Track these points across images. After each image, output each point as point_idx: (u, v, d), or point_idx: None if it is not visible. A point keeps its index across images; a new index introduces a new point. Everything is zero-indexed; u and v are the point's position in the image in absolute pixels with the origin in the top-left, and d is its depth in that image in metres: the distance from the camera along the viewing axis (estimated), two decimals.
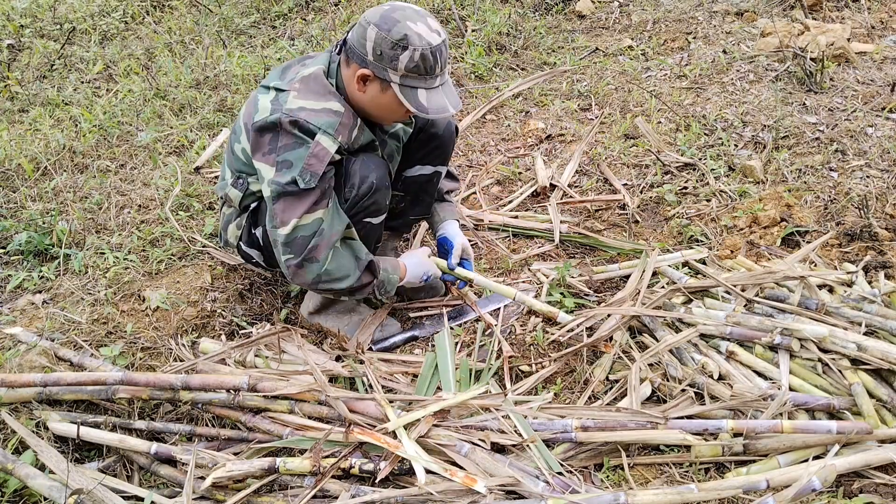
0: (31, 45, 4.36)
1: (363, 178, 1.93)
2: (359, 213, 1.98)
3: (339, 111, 1.87)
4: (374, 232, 2.09)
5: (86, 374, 1.88)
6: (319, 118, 1.84)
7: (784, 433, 1.66)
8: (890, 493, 1.59)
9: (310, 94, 1.88)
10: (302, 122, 1.82)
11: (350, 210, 1.96)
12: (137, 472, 1.76)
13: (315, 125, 1.83)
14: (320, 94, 1.89)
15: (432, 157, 2.22)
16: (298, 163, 1.82)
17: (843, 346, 1.84)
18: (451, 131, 2.24)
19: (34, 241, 2.53)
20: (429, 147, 2.20)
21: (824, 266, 2.25)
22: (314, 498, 1.64)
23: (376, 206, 2.00)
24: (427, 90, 1.84)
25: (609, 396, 1.90)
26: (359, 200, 1.95)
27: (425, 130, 2.18)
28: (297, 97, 1.87)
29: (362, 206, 1.97)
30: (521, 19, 4.49)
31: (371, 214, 2.01)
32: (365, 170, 1.94)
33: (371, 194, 1.95)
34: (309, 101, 1.86)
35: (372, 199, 1.96)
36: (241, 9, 4.85)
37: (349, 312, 2.24)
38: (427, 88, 1.84)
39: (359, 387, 1.98)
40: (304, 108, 1.84)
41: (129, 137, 3.35)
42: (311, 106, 1.85)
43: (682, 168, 2.92)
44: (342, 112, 1.88)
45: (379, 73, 1.82)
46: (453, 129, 2.25)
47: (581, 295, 2.31)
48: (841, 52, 3.51)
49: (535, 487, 1.57)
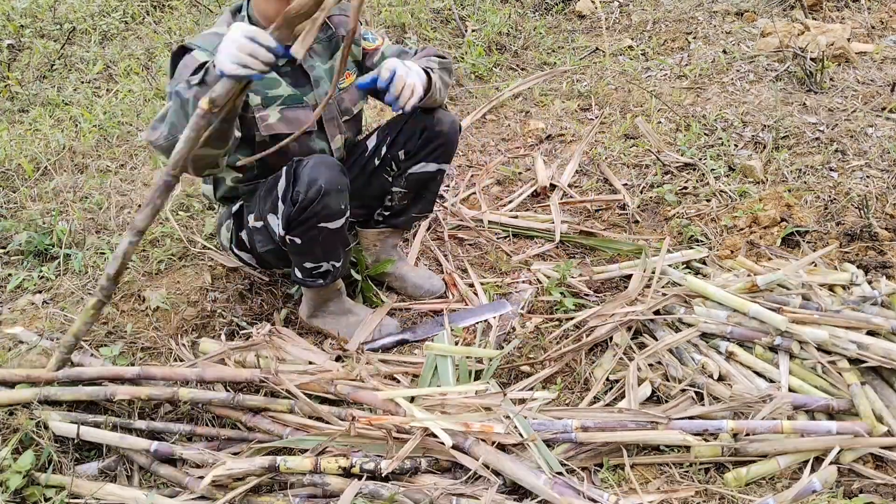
0: (31, 45, 4.36)
1: (311, 182, 1.86)
2: (310, 218, 1.90)
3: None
4: (336, 237, 2.00)
5: (106, 368, 1.90)
6: (202, 39, 1.87)
7: (784, 434, 1.66)
8: (890, 493, 1.59)
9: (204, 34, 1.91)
10: (182, 44, 1.85)
11: (300, 215, 1.90)
12: (137, 472, 1.76)
13: (193, 44, 1.85)
14: (214, 26, 1.93)
15: (436, 154, 2.21)
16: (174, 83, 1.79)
17: (843, 347, 1.83)
18: (456, 129, 2.23)
19: (34, 241, 2.53)
20: (433, 144, 2.19)
21: (825, 266, 2.25)
22: (314, 497, 1.64)
23: (328, 210, 1.91)
24: None
25: (609, 396, 1.90)
26: (308, 205, 1.88)
27: (430, 128, 2.17)
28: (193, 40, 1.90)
29: (312, 210, 1.89)
30: (521, 19, 4.49)
31: (325, 219, 1.93)
32: (314, 172, 1.87)
33: (320, 198, 1.87)
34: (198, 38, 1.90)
35: (321, 203, 1.88)
36: None
37: (346, 314, 2.23)
38: None
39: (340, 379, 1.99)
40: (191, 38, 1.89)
41: (129, 137, 3.35)
42: (199, 35, 1.91)
43: (682, 168, 2.92)
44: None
45: None
46: (457, 128, 2.24)
47: (581, 295, 2.31)
48: (841, 52, 3.51)
49: (538, 481, 1.57)
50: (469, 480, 1.65)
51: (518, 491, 1.62)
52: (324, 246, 2.00)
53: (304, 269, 2.06)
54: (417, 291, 2.40)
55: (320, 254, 2.03)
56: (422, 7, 4.50)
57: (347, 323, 2.22)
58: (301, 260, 2.04)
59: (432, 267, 2.55)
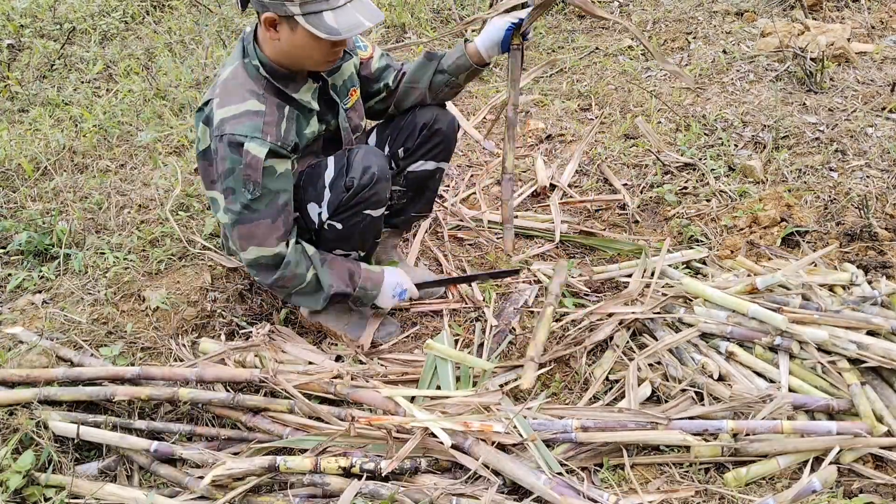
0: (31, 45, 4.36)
1: (365, 169, 1.93)
2: (359, 203, 1.97)
3: (260, 110, 1.81)
4: (374, 225, 2.08)
5: (106, 368, 1.91)
6: (242, 125, 1.79)
7: (784, 434, 1.66)
8: (890, 493, 1.59)
9: (229, 99, 1.82)
10: (228, 137, 1.78)
11: (350, 201, 1.96)
12: (137, 472, 1.77)
13: (241, 134, 1.78)
14: (238, 95, 1.83)
15: (435, 153, 2.22)
16: (238, 183, 1.81)
17: (843, 347, 1.83)
18: (454, 128, 2.25)
19: (34, 241, 2.53)
20: (432, 143, 2.20)
21: (825, 266, 2.25)
22: (314, 497, 1.64)
23: (377, 197, 1.99)
24: (333, 10, 1.73)
25: (609, 396, 1.90)
26: (360, 191, 1.95)
27: (429, 127, 2.18)
28: (218, 106, 1.82)
29: (363, 196, 1.96)
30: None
31: (371, 206, 2.00)
32: (367, 160, 1.94)
33: (372, 185, 1.95)
34: (230, 108, 1.81)
35: (373, 189, 1.96)
36: None
37: (349, 312, 2.24)
38: (332, 9, 1.73)
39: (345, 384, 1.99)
40: (226, 119, 1.79)
41: (129, 137, 3.35)
42: (231, 112, 1.80)
43: (682, 168, 2.92)
44: (263, 111, 1.82)
45: (279, 10, 1.72)
46: (456, 127, 2.26)
47: (581, 295, 2.31)
48: (841, 52, 3.50)
49: (538, 481, 1.57)
50: (469, 480, 1.65)
51: (518, 491, 1.62)
52: (362, 233, 2.05)
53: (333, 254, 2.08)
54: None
55: (356, 241, 2.08)
56: (422, 7, 4.50)
57: (349, 321, 2.22)
58: (334, 246, 2.07)
59: (432, 267, 2.54)
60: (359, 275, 2.05)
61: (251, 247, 1.88)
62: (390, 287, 2.11)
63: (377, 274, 2.10)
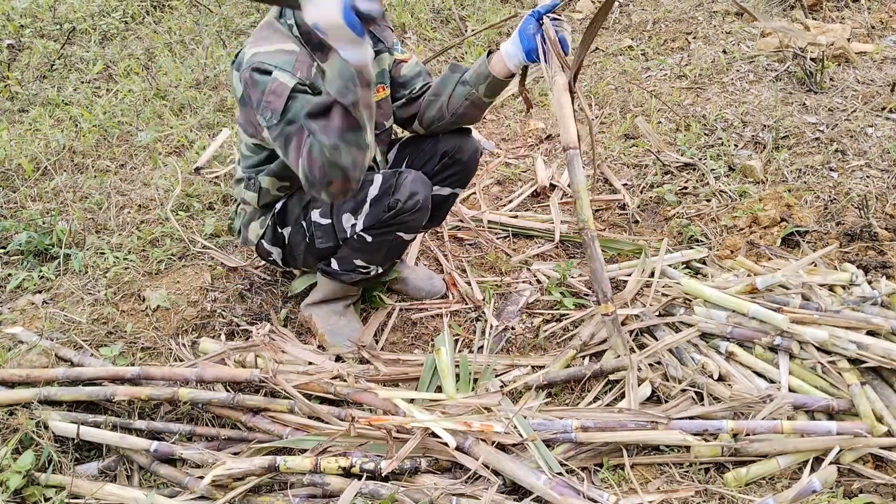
0: (31, 45, 4.36)
1: (412, 194, 1.94)
2: (395, 224, 1.98)
3: (294, 50, 1.82)
4: (401, 247, 2.10)
5: (106, 369, 1.91)
6: (274, 58, 1.80)
7: (784, 434, 1.66)
8: (890, 493, 1.59)
9: (262, 41, 1.85)
10: (257, 64, 1.78)
11: (389, 220, 1.96)
12: (137, 472, 1.77)
13: (271, 63, 1.78)
14: (272, 38, 1.86)
15: (452, 180, 2.23)
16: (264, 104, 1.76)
17: (843, 347, 1.83)
18: (476, 157, 2.23)
19: (34, 241, 2.53)
20: (451, 171, 2.20)
21: (825, 266, 2.25)
22: (314, 497, 1.64)
23: (414, 223, 2.00)
24: None
25: (609, 396, 1.90)
26: (401, 213, 1.95)
27: (450, 155, 2.18)
28: (251, 46, 1.84)
29: (402, 220, 1.97)
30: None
31: (405, 230, 2.01)
32: (415, 186, 1.95)
33: (414, 211, 1.96)
34: (262, 47, 1.83)
35: (413, 216, 1.97)
36: (241, 9, 4.85)
37: (341, 316, 2.22)
38: None
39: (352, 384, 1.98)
40: (258, 53, 1.81)
41: (129, 137, 3.35)
42: (264, 50, 1.82)
43: (682, 168, 2.92)
44: (297, 51, 1.83)
45: None
46: (478, 157, 2.24)
47: (581, 295, 2.31)
48: (841, 52, 3.50)
49: (538, 481, 1.57)
50: (469, 480, 1.65)
51: (518, 491, 1.62)
52: (387, 251, 2.05)
53: (350, 265, 2.07)
54: (419, 294, 2.40)
55: (380, 257, 2.07)
56: (422, 7, 4.50)
57: (337, 324, 2.21)
58: (356, 256, 2.05)
59: (432, 267, 2.54)
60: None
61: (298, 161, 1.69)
62: None
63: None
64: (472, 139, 2.23)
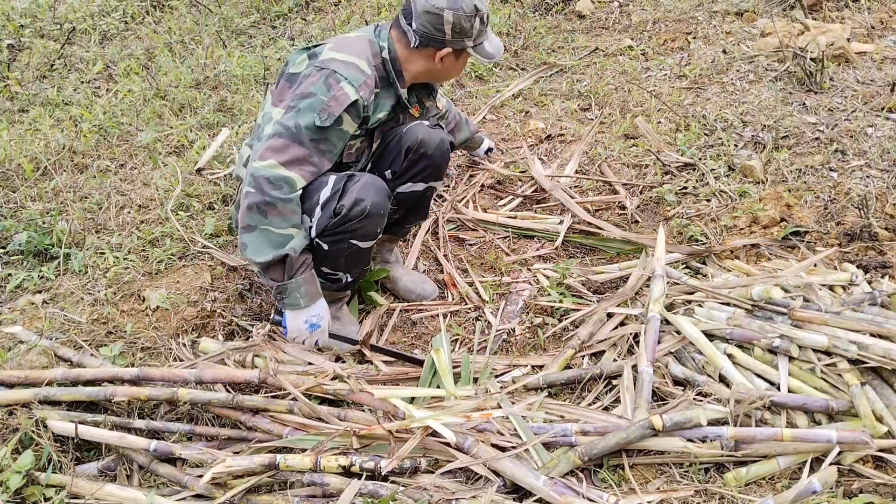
0: (31, 45, 4.36)
1: (357, 200, 1.91)
2: (345, 232, 1.95)
3: (367, 72, 1.94)
4: (361, 255, 2.05)
5: (105, 369, 1.91)
6: (347, 70, 1.91)
7: (784, 442, 1.65)
8: (890, 493, 1.59)
9: (344, 48, 1.96)
10: (330, 71, 1.89)
11: (336, 227, 1.93)
12: (137, 472, 1.76)
13: (343, 75, 1.89)
14: (355, 51, 1.96)
15: (423, 175, 2.20)
16: (317, 104, 1.86)
17: (843, 348, 1.82)
18: (444, 149, 2.19)
19: (34, 241, 2.53)
20: (419, 167, 2.17)
21: (824, 267, 2.25)
22: (313, 497, 1.64)
23: (365, 231, 1.97)
24: (488, 40, 2.08)
25: (609, 398, 1.90)
26: (346, 221, 1.92)
27: (415, 151, 2.13)
28: (331, 49, 1.96)
29: (350, 227, 1.94)
30: (521, 19, 4.49)
31: (358, 238, 1.98)
32: (363, 192, 1.92)
33: (362, 218, 1.93)
34: (341, 54, 1.94)
35: (361, 223, 1.94)
36: (241, 9, 4.85)
37: (334, 319, 2.20)
38: (488, 39, 2.08)
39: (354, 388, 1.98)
40: (335, 59, 1.92)
41: (129, 137, 3.35)
42: (341, 58, 1.93)
43: (682, 168, 2.92)
44: (369, 74, 1.95)
45: (458, 45, 2.00)
46: (446, 148, 2.20)
47: (581, 295, 2.31)
48: (841, 52, 3.50)
49: (537, 481, 1.57)
50: (469, 480, 1.65)
51: (518, 491, 1.62)
52: (347, 259, 2.04)
53: (319, 271, 2.05)
54: (409, 295, 2.40)
55: (342, 265, 2.06)
56: None
57: (334, 325, 2.19)
58: (321, 262, 2.04)
59: (432, 267, 2.54)
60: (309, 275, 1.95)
61: (271, 158, 1.85)
62: (312, 313, 1.98)
63: (315, 291, 1.98)
64: (436, 132, 2.18)
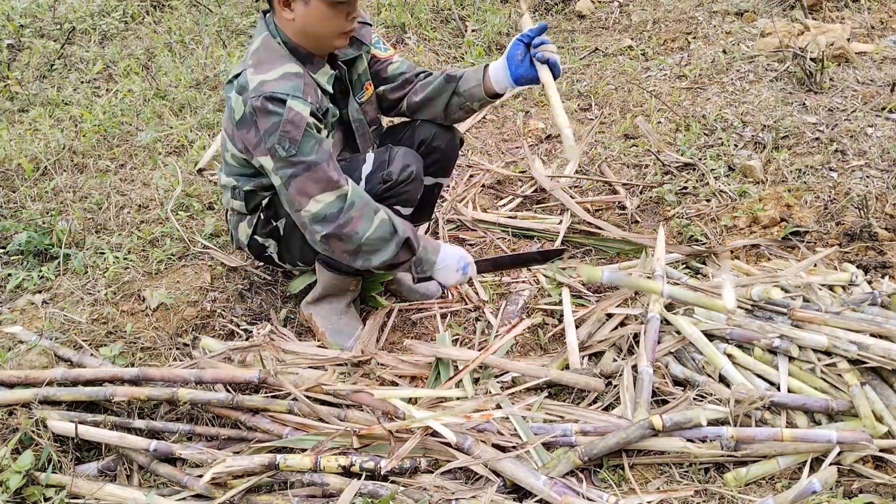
0: (31, 45, 4.35)
1: (405, 166, 1.97)
2: (392, 197, 1.99)
3: (299, 72, 1.85)
4: None
5: (105, 370, 1.91)
6: (283, 85, 1.80)
7: (784, 442, 1.65)
8: (890, 493, 1.59)
9: (264, 66, 1.84)
10: (269, 94, 1.78)
11: (385, 193, 1.97)
12: (137, 472, 1.76)
13: (283, 92, 1.78)
14: (273, 61, 1.85)
15: (433, 169, 2.22)
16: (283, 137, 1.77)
17: (844, 349, 1.82)
18: (455, 145, 2.23)
19: (34, 241, 2.53)
20: (429, 160, 2.18)
21: (824, 267, 2.25)
22: (313, 497, 1.64)
23: (409, 195, 2.02)
24: None
25: (610, 397, 1.90)
26: (395, 186, 1.97)
27: (427, 143, 2.17)
28: (254, 73, 1.83)
29: (398, 191, 1.98)
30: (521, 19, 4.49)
31: (402, 203, 2.02)
32: (407, 158, 1.98)
33: (409, 181, 1.98)
34: (266, 73, 1.82)
35: (408, 186, 1.99)
36: (241, 9, 4.84)
37: (342, 315, 2.22)
38: None
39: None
40: (266, 81, 1.80)
41: (129, 137, 3.35)
42: (269, 77, 1.81)
43: (682, 168, 2.92)
44: (301, 73, 1.85)
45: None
46: (457, 143, 2.24)
47: (581, 295, 2.31)
48: (841, 52, 3.50)
49: (537, 481, 1.57)
50: (469, 480, 1.65)
51: (518, 491, 1.62)
52: None
53: None
54: (413, 295, 2.40)
55: None
56: (422, 7, 4.50)
57: (338, 323, 2.20)
58: None
59: None
60: (416, 233, 1.97)
61: (310, 200, 1.81)
62: (454, 258, 2.00)
63: (433, 241, 2.03)
64: (448, 127, 2.22)
